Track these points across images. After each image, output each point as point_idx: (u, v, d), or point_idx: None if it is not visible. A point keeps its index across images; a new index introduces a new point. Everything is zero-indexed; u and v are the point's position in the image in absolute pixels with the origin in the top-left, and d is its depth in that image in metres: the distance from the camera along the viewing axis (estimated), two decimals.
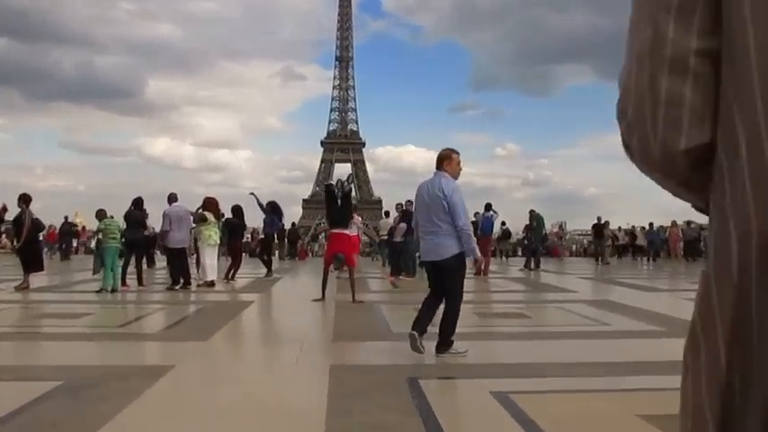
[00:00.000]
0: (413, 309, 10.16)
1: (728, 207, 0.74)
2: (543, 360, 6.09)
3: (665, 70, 0.80)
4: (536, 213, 21.97)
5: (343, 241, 10.84)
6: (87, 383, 5.04)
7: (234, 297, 12.55)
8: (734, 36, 0.74)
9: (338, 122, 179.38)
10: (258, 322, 9.79)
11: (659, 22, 0.80)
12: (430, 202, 6.27)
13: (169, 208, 13.85)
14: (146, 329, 8.52)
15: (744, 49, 0.73)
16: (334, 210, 11.17)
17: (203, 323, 8.78)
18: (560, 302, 11.22)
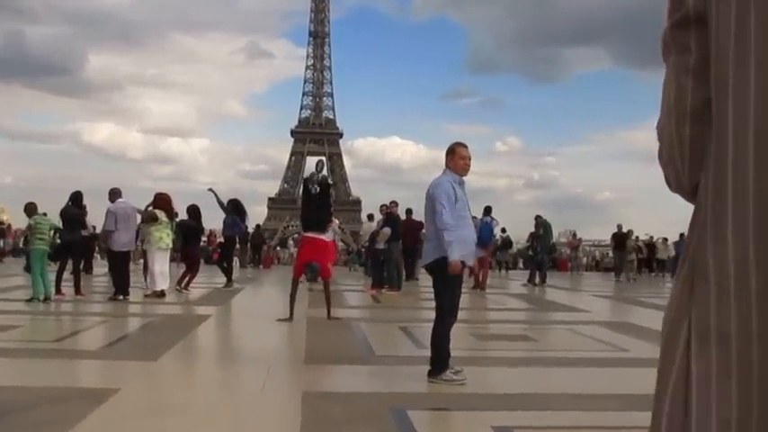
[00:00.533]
0: (398, 327, 10.25)
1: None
2: (550, 390, 6.12)
3: (688, 119, 1.14)
4: (542, 220, 22.09)
5: (319, 248, 10.40)
6: (16, 407, 5.01)
7: (188, 310, 12.50)
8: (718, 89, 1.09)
9: (311, 109, 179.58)
10: (216, 340, 9.76)
11: (681, 83, 1.15)
12: (426, 203, 6.44)
13: (114, 205, 13.78)
14: (85, 346, 8.48)
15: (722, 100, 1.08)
16: (309, 208, 10.87)
17: (152, 340, 8.74)
18: (570, 323, 11.30)
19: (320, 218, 10.64)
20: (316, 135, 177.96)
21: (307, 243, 10.60)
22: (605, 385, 6.43)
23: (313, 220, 10.63)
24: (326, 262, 10.65)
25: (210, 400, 5.73)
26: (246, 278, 21.86)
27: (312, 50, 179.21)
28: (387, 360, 7.65)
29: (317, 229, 10.52)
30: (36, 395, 5.42)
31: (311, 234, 10.52)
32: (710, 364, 1.06)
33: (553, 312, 13.83)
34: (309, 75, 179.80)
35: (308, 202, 10.95)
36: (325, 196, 10.98)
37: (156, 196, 14.54)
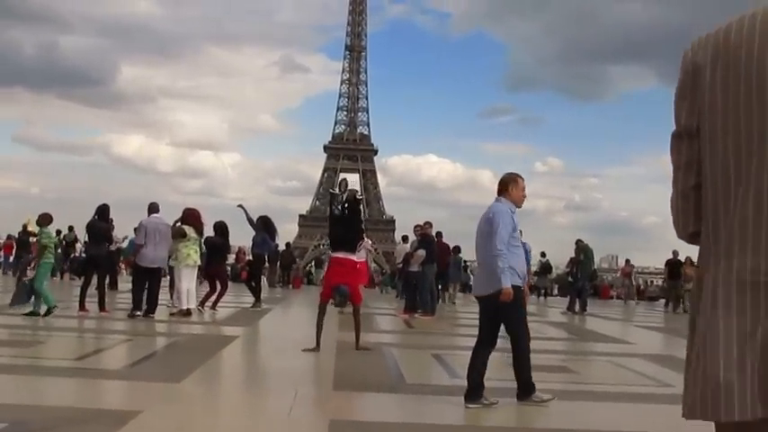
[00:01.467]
0: (431, 354, 10.18)
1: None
2: (588, 426, 6.04)
3: (679, 196, 1.97)
4: (583, 244, 21.91)
5: (348, 270, 9.91)
6: (35, 428, 5.03)
7: (214, 330, 12.53)
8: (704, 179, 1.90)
9: (346, 124, 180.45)
10: (242, 362, 9.77)
11: (676, 173, 1.98)
12: (482, 229, 6.78)
13: (147, 219, 13.89)
14: (107, 365, 8.51)
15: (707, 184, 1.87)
16: (336, 226, 10.41)
17: (176, 360, 8.77)
18: (612, 355, 11.14)
19: (349, 236, 10.10)
20: (350, 151, 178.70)
21: (335, 264, 10.13)
22: (647, 422, 6.32)
23: (342, 239, 10.14)
24: (357, 285, 10.18)
25: (235, 426, 5.71)
26: (275, 298, 21.91)
27: (348, 65, 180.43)
28: (418, 389, 7.59)
29: (346, 248, 10.01)
30: (55, 415, 5.44)
31: (340, 254, 10.03)
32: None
33: (594, 343, 13.66)
34: (345, 89, 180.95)
35: (335, 220, 10.44)
36: (355, 213, 10.45)
37: (184, 212, 14.63)
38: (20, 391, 6.45)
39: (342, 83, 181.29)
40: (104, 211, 14.20)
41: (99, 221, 14.03)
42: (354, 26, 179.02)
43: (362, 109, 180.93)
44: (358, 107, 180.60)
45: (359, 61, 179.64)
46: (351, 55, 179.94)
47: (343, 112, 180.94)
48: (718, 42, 1.89)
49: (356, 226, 10.36)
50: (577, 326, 17.16)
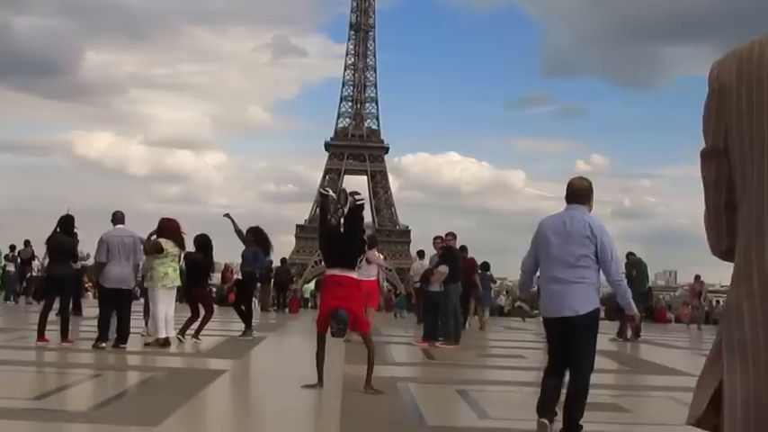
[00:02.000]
0: (455, 390, 10.15)
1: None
2: None
3: (712, 214, 2.23)
4: (635, 258, 21.93)
5: (348, 290, 9.46)
6: None
7: (197, 363, 12.54)
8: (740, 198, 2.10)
9: (351, 117, 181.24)
10: (231, 402, 9.77)
11: (707, 192, 2.23)
12: (565, 242, 7.02)
13: (108, 231, 13.89)
14: (71, 405, 8.50)
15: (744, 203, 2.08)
16: (331, 238, 10.06)
17: (152, 400, 8.77)
18: (671, 390, 11.09)
19: (348, 250, 9.77)
20: (356, 149, 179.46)
21: (331, 284, 9.67)
22: None
23: (338, 254, 9.73)
24: (361, 309, 9.71)
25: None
26: (269, 324, 21.96)
27: (353, 47, 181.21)
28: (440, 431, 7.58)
29: (343, 264, 9.64)
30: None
31: (336, 272, 9.59)
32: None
33: (650, 375, 13.63)
34: (349, 76, 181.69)
35: (330, 232, 10.15)
36: (355, 224, 9.95)
37: (161, 222, 14.64)
38: None
39: (346, 68, 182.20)
40: (68, 223, 14.21)
41: (62, 235, 14.04)
42: (361, 1, 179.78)
43: (370, 99, 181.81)
44: (365, 97, 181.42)
45: (366, 43, 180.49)
46: (356, 35, 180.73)
47: (347, 102, 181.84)
48: (741, 62, 2.20)
49: (356, 237, 9.96)
50: (630, 355, 17.11)
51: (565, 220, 7.11)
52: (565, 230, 7.04)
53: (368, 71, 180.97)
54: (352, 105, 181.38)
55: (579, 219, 7.04)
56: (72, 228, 14.40)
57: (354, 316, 9.30)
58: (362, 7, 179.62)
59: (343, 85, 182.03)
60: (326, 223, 10.20)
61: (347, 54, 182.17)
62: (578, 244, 6.96)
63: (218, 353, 13.83)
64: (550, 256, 7.11)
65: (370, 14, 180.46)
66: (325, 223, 10.21)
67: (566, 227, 7.04)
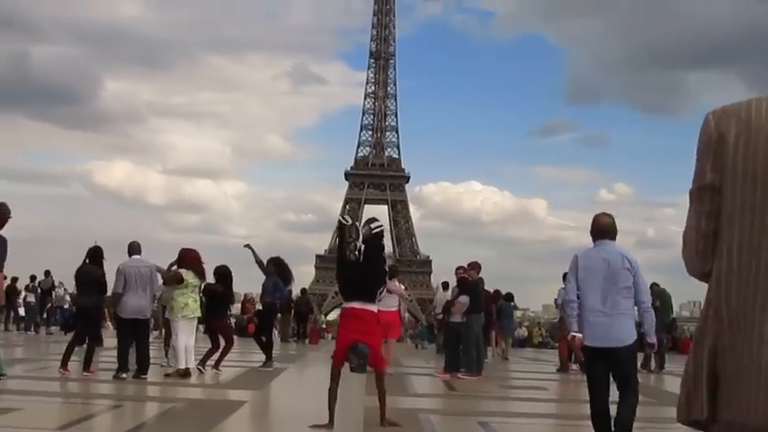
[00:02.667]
0: (477, 422, 10.15)
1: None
2: None
3: (701, 239, 2.73)
4: (659, 289, 21.83)
5: (368, 325, 9.04)
6: None
7: (216, 395, 12.58)
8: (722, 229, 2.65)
9: (371, 146, 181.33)
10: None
11: (699, 218, 2.72)
12: (608, 275, 7.58)
13: (125, 262, 14.00)
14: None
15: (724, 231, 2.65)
16: (349, 268, 9.36)
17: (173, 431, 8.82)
18: None
19: (368, 281, 9.20)
20: (376, 178, 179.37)
21: (350, 318, 9.20)
22: None
23: (357, 285, 9.20)
24: (379, 344, 9.42)
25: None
26: (289, 355, 21.99)
27: (373, 75, 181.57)
28: None
29: (363, 297, 9.14)
30: None
31: (356, 305, 9.10)
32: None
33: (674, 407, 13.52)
34: (369, 104, 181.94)
35: (349, 264, 9.29)
36: (375, 254, 9.43)
37: (181, 253, 14.71)
38: None
39: (366, 97, 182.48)
40: (96, 255, 14.28)
41: (91, 266, 14.16)
42: (381, 29, 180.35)
43: (391, 128, 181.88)
44: (386, 126, 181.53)
45: (386, 71, 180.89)
46: (376, 63, 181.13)
47: (367, 131, 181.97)
48: (740, 117, 2.71)
49: (376, 267, 9.41)
50: (654, 387, 17.02)
51: (602, 254, 7.68)
52: (606, 265, 7.60)
53: (388, 99, 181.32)
54: (373, 134, 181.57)
55: (616, 252, 7.72)
56: (101, 259, 14.46)
57: (374, 351, 8.88)
58: (382, 35, 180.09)
59: (364, 114, 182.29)
60: (344, 254, 9.29)
61: (367, 82, 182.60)
62: (621, 277, 7.57)
63: (238, 384, 13.85)
64: (595, 288, 7.58)
65: (390, 42, 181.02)
66: (342, 254, 9.33)
67: (607, 261, 7.61)
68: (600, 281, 7.54)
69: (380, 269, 9.44)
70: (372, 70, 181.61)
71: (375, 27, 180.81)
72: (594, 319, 7.52)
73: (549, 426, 11.16)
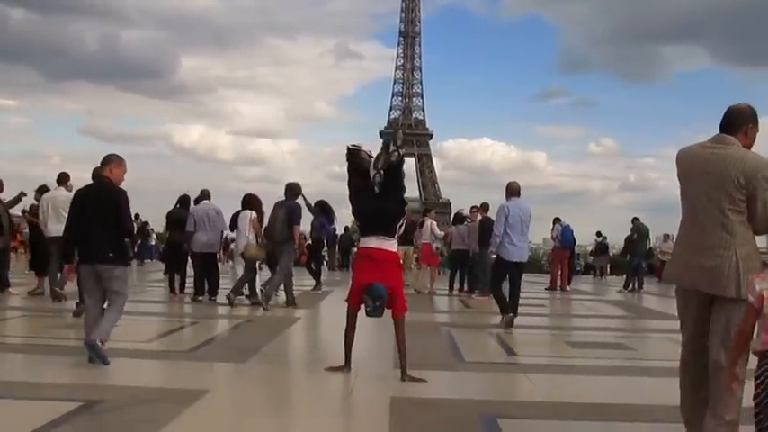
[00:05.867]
0: (488, 333, 10.17)
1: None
2: (647, 401, 5.99)
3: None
4: (638, 223, 21.69)
5: (382, 268, 6.68)
6: (111, 407, 5.18)
7: (277, 312, 12.66)
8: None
9: (401, 110, 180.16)
10: (304, 343, 9.88)
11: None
12: (522, 219, 10.92)
13: (195, 206, 14.19)
14: (176, 346, 8.67)
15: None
16: (363, 198, 6.98)
17: (241, 341, 8.91)
18: (669, 332, 10.95)
19: (386, 213, 6.83)
20: (405, 136, 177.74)
21: (363, 259, 6.88)
22: None
23: (373, 216, 6.87)
24: (398, 285, 6.83)
25: (298, 404, 5.80)
26: (335, 281, 22.03)
27: (402, 50, 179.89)
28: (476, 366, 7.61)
29: (379, 230, 6.80)
30: (129, 395, 5.59)
31: (372, 243, 6.78)
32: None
33: (650, 320, 13.49)
34: (399, 75, 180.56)
35: (365, 193, 6.95)
36: (395, 182, 6.99)
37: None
38: (97, 373, 6.61)
39: (396, 69, 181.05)
40: (185, 201, 14.57)
41: (180, 209, 14.44)
42: (408, 12, 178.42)
43: (417, 94, 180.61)
44: (413, 92, 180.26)
45: (413, 47, 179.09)
46: (405, 41, 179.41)
47: (398, 97, 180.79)
48: (690, 156, 4.35)
49: (395, 195, 6.97)
50: (634, 304, 16.98)
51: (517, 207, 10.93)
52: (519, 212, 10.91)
53: (414, 71, 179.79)
54: (402, 99, 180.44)
55: (524, 206, 11.08)
56: (188, 205, 14.57)
57: (391, 292, 6.60)
58: (410, 18, 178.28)
59: (394, 83, 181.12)
60: (356, 184, 7.05)
61: (397, 57, 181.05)
62: (525, 221, 10.98)
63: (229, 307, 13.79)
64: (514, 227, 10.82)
65: (416, 24, 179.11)
66: (354, 184, 7.08)
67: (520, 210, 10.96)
68: (518, 222, 10.75)
69: (399, 198, 7.03)
70: (401, 47, 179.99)
71: (403, 11, 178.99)
72: (515, 244, 10.70)
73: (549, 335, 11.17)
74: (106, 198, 7.10)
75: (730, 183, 4.01)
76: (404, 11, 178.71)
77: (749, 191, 4.01)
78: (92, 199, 7.14)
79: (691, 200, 4.24)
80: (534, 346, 9.53)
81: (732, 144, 4.13)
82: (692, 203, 4.22)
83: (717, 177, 4.06)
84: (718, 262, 4.03)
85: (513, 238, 10.64)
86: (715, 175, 4.07)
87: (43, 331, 9.41)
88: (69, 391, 5.69)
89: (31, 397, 5.48)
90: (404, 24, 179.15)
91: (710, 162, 4.13)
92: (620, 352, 9.08)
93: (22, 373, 6.85)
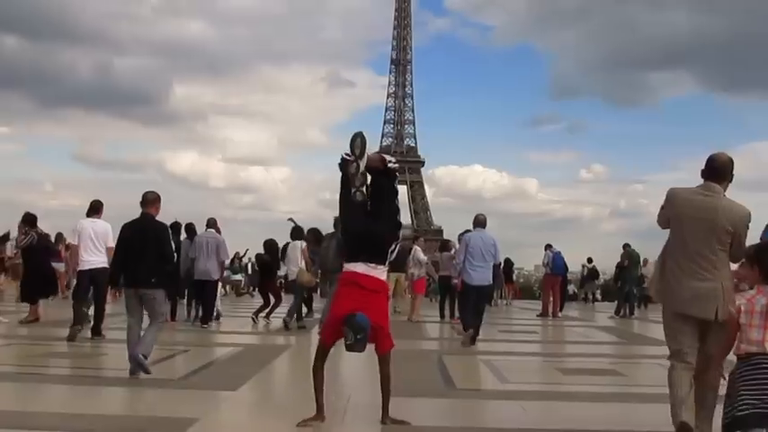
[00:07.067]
0: (480, 360, 10.13)
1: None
2: (640, 427, 5.97)
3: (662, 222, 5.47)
4: (630, 249, 21.72)
5: (369, 297, 5.67)
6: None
7: (267, 340, 12.62)
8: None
9: (393, 137, 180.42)
10: (296, 369, 9.80)
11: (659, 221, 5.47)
12: (484, 247, 11.69)
13: (200, 234, 14.25)
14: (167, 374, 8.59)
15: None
16: (353, 216, 6.00)
17: (232, 369, 8.85)
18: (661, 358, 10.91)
19: (376, 237, 5.85)
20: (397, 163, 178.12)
21: (347, 285, 5.81)
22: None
23: (362, 238, 5.85)
24: (383, 320, 5.77)
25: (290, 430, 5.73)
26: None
27: (394, 78, 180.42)
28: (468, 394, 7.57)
29: (369, 255, 5.78)
30: (113, 424, 5.53)
31: (358, 268, 5.77)
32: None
33: (642, 346, 13.47)
34: (391, 103, 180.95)
35: (354, 208, 5.97)
36: (387, 190, 6.16)
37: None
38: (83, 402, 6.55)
39: (388, 96, 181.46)
40: (175, 228, 14.47)
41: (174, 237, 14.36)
42: (400, 40, 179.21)
43: (409, 121, 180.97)
44: (404, 120, 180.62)
45: (405, 75, 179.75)
46: (397, 69, 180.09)
47: (389, 125, 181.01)
48: (682, 197, 5.21)
49: (388, 214, 6.00)
50: (625, 330, 16.95)
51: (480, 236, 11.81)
52: (482, 242, 11.76)
53: (406, 98, 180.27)
54: (394, 127, 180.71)
55: (487, 236, 11.92)
56: (179, 233, 14.53)
57: (376, 326, 5.58)
58: (401, 45, 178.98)
59: (386, 111, 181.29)
60: (348, 199, 5.94)
61: (389, 84, 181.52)
62: (488, 248, 11.75)
63: (284, 331, 13.86)
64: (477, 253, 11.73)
65: (407, 51, 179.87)
66: (345, 200, 5.98)
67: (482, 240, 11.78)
68: (479, 251, 11.60)
69: (393, 220, 6.02)
70: (393, 75, 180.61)
71: (395, 39, 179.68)
72: (475, 269, 11.52)
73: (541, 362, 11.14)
74: (151, 232, 8.13)
75: (721, 228, 5.01)
76: (396, 39, 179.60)
77: (734, 235, 5.04)
78: (137, 232, 8.15)
79: (683, 236, 5.12)
80: (526, 372, 9.49)
81: (719, 193, 5.13)
82: (685, 239, 5.10)
83: (710, 222, 5.03)
84: (708, 288, 4.98)
85: (475, 264, 11.57)
86: (708, 221, 5.03)
87: (35, 360, 9.32)
88: (61, 421, 5.62)
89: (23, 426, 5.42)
90: (396, 52, 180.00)
91: (703, 209, 5.07)
92: (612, 378, 9.06)
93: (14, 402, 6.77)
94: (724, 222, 5.01)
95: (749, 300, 4.13)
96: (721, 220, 5.02)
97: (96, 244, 11.22)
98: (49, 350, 10.20)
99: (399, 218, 6.13)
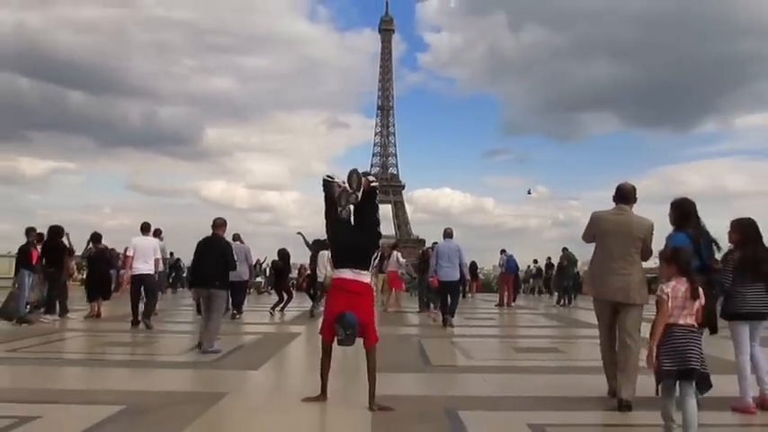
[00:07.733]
0: (450, 342, 10.07)
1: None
2: (578, 394, 5.94)
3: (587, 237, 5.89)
4: (569, 252, 21.77)
5: (356, 299, 5.40)
6: (145, 408, 5.06)
7: (283, 329, 12.53)
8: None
9: (379, 167, 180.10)
10: (305, 353, 9.71)
11: (584, 238, 5.89)
12: (450, 253, 12.38)
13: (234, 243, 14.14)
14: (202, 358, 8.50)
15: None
16: (339, 230, 5.70)
17: (255, 352, 8.77)
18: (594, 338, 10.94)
19: (359, 247, 5.58)
20: (383, 187, 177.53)
21: (337, 291, 5.52)
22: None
23: (348, 248, 5.57)
24: (369, 317, 5.45)
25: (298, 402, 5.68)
26: None
27: (380, 120, 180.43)
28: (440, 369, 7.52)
29: (355, 262, 5.50)
30: (161, 398, 5.47)
31: (345, 274, 5.47)
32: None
33: (579, 329, 13.44)
34: (377, 140, 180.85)
35: (340, 225, 5.73)
36: (369, 207, 5.79)
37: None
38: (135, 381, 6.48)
39: (375, 135, 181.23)
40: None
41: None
42: (384, 90, 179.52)
43: (392, 154, 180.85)
44: (388, 153, 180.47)
45: (388, 117, 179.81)
46: (382, 113, 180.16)
47: (377, 157, 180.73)
48: (605, 218, 5.62)
49: (370, 227, 5.72)
50: (566, 316, 16.93)
51: (449, 245, 12.50)
52: (449, 248, 12.42)
53: (390, 136, 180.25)
54: (380, 159, 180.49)
55: (454, 245, 12.45)
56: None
57: (363, 323, 5.35)
58: (385, 95, 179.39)
59: (374, 146, 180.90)
60: (333, 215, 5.74)
61: (376, 125, 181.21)
62: (454, 253, 12.44)
63: (296, 321, 13.80)
64: (445, 256, 12.44)
65: (390, 99, 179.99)
66: (331, 215, 5.75)
67: (449, 247, 12.44)
68: (446, 255, 12.24)
69: (374, 230, 5.75)
70: (379, 117, 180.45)
71: (380, 89, 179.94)
72: (443, 269, 12.21)
73: (498, 342, 11.10)
74: (218, 246, 8.82)
75: (635, 237, 5.50)
76: (380, 89, 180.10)
77: (644, 241, 5.53)
78: (209, 246, 8.82)
79: (608, 244, 5.55)
80: (487, 351, 9.44)
81: (629, 211, 5.62)
82: (609, 247, 5.54)
83: (626, 234, 5.50)
84: (627, 281, 5.48)
85: (443, 264, 12.33)
86: (625, 233, 5.50)
87: (97, 348, 9.22)
88: (118, 397, 5.54)
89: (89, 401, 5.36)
90: (380, 100, 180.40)
91: (620, 224, 5.54)
92: (556, 354, 9.04)
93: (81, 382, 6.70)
94: (636, 232, 5.51)
95: (673, 287, 4.42)
96: (635, 231, 5.51)
97: (145, 256, 11.43)
98: (107, 340, 10.07)
99: (379, 228, 5.84)
